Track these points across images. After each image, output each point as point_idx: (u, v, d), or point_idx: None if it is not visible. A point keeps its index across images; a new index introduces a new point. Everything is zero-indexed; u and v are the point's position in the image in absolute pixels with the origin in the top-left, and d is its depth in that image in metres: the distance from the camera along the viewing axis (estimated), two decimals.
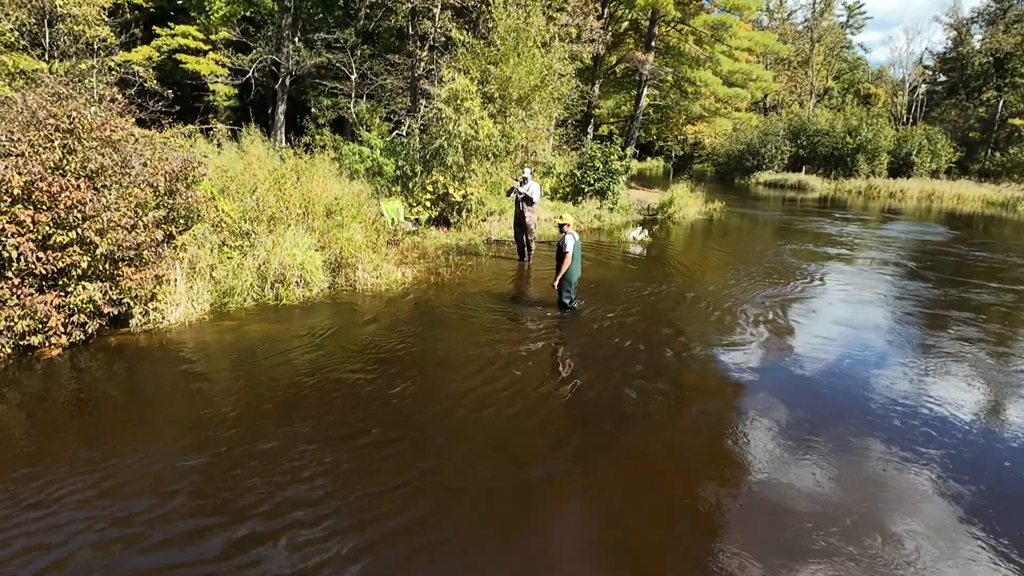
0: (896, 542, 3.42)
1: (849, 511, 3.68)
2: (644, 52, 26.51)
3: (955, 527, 3.60)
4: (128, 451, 4.06)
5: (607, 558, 3.28)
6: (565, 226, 7.44)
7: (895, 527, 3.55)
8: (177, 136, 11.58)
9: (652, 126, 36.78)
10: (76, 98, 6.21)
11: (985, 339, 7.31)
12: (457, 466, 4.07)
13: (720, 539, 3.41)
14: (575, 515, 3.67)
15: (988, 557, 3.34)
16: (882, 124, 38.90)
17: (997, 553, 3.38)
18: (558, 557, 3.25)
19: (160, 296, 6.41)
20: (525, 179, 10.52)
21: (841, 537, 3.43)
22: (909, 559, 3.29)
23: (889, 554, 3.31)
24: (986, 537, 3.50)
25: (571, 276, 7.31)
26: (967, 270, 12.14)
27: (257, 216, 8.10)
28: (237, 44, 21.38)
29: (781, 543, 3.39)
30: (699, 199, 20.60)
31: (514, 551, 3.31)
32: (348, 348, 6.09)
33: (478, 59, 14.84)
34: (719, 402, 5.34)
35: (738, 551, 3.28)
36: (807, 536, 3.44)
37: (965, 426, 4.94)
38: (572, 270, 7.28)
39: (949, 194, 30.97)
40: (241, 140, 12.93)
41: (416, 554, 3.20)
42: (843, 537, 3.43)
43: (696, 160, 55.48)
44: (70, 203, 5.43)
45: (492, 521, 3.55)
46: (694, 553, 3.32)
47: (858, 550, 3.32)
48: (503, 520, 3.56)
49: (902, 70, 55.51)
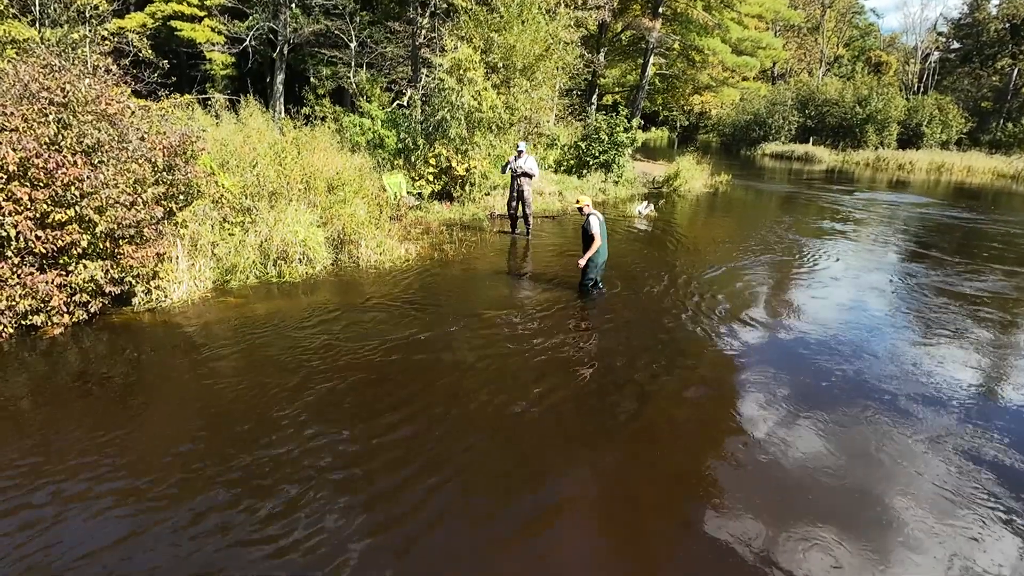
0: (892, 508, 3.42)
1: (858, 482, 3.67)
2: (651, 19, 25.72)
3: (952, 498, 3.59)
4: (133, 428, 4.05)
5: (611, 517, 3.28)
6: (584, 207, 7.14)
7: (894, 496, 3.55)
8: (175, 108, 11.36)
9: (658, 96, 36.00)
10: (70, 69, 6.02)
11: (987, 316, 7.24)
12: (466, 442, 4.04)
13: (725, 505, 3.40)
14: (587, 483, 3.66)
15: (983, 528, 3.34)
16: (892, 94, 38.09)
17: (993, 523, 3.38)
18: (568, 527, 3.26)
19: (162, 274, 6.34)
20: (520, 152, 10.31)
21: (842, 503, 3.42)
22: (903, 524, 3.29)
23: (885, 517, 3.31)
24: (982, 507, 3.50)
25: (597, 258, 7.02)
26: (973, 247, 12.00)
27: (258, 191, 7.97)
28: (233, 11, 20.78)
29: (785, 508, 3.38)
30: (705, 172, 20.31)
31: (523, 527, 3.32)
32: (353, 327, 6.04)
33: (481, 27, 14.42)
34: (726, 378, 5.31)
35: (744, 513, 3.28)
36: (809, 504, 3.43)
37: (965, 400, 4.91)
38: (600, 251, 7.01)
39: (959, 166, 30.47)
40: (240, 111, 12.69)
41: (427, 528, 3.20)
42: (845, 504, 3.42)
43: (702, 131, 54.69)
44: (67, 180, 5.31)
45: (504, 494, 3.54)
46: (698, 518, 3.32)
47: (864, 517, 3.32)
48: (516, 494, 3.55)
49: (915, 37, 53.94)
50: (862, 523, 3.44)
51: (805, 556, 3.17)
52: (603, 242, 7.01)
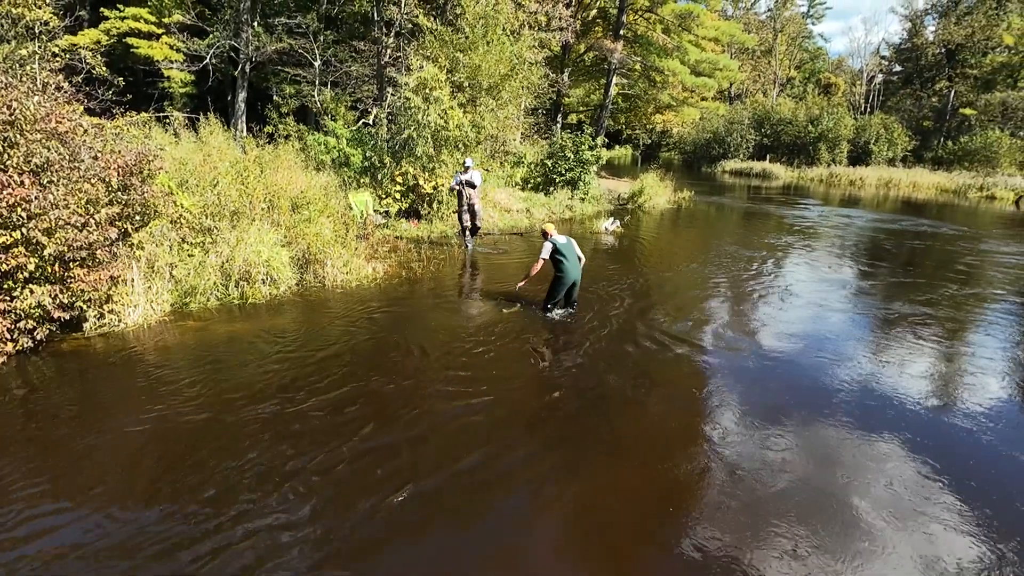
0: (855, 513, 3.49)
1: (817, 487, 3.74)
2: (613, 40, 26.43)
3: (912, 501, 3.69)
4: (81, 460, 3.83)
5: (583, 536, 3.24)
6: (548, 234, 7.19)
7: (855, 499, 3.63)
8: (130, 126, 11.02)
9: (621, 115, 36.87)
10: (17, 86, 5.78)
11: (937, 323, 7.56)
12: (431, 463, 3.96)
13: (689, 515, 3.41)
14: (554, 498, 3.62)
15: (941, 529, 3.44)
16: (842, 113, 40.01)
17: (950, 525, 3.48)
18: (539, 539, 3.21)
19: (116, 297, 6.08)
20: (467, 167, 10.74)
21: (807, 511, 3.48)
22: (866, 531, 3.36)
23: (848, 524, 3.38)
24: (941, 510, 3.61)
25: (557, 283, 7.04)
26: (923, 259, 12.57)
27: (219, 211, 7.76)
28: (192, 28, 20.42)
29: (749, 517, 3.41)
30: (668, 188, 20.79)
31: (491, 536, 3.25)
32: (317, 349, 5.88)
33: (446, 47, 14.54)
34: (688, 390, 5.37)
35: (707, 527, 3.29)
36: (773, 513, 3.47)
37: (920, 407, 5.09)
38: (563, 273, 6.99)
39: (905, 182, 32.10)
40: (200, 129, 12.40)
41: (395, 547, 3.10)
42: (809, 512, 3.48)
43: (664, 148, 56.09)
44: (13, 201, 5.06)
45: (470, 509, 3.47)
46: (667, 530, 3.31)
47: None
48: (481, 508, 3.48)
49: (860, 60, 56.97)
50: (832, 533, 3.50)
51: (777, 566, 3.20)
52: (564, 264, 6.96)
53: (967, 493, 3.93)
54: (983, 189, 28.57)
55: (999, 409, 5.23)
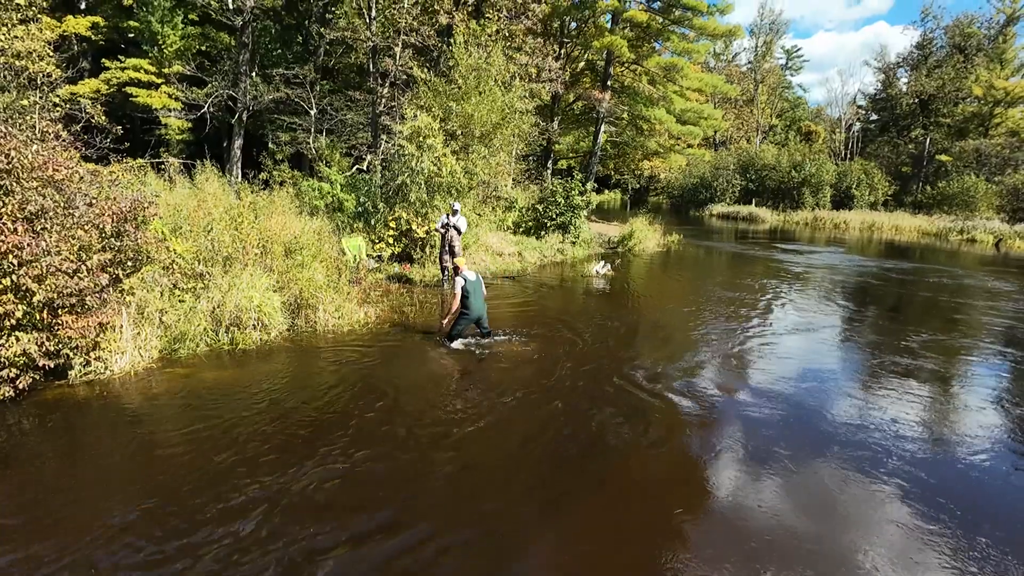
0: (852, 548, 3.41)
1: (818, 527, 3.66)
2: (600, 91, 27.38)
3: (907, 536, 3.62)
4: (63, 513, 3.69)
5: None
6: (459, 269, 7.62)
7: (851, 534, 3.55)
8: (126, 172, 11.13)
9: (610, 161, 37.83)
10: (16, 136, 5.86)
11: (929, 364, 7.60)
12: (427, 502, 3.85)
13: (683, 553, 3.32)
14: (546, 540, 3.51)
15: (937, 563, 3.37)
16: (823, 159, 41.30)
17: (946, 561, 3.41)
18: None
19: (103, 344, 6.00)
20: (455, 211, 11.12)
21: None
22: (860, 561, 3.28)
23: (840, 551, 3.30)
24: (937, 544, 3.54)
25: (462, 318, 7.45)
26: (910, 301, 12.75)
27: (212, 256, 7.77)
28: (192, 78, 20.95)
29: (742, 555, 3.32)
30: (657, 232, 21.12)
31: None
32: (308, 397, 5.80)
33: (440, 97, 14.99)
34: (676, 433, 5.31)
35: None
36: (768, 550, 3.39)
37: (913, 445, 5.06)
38: (468, 310, 7.40)
39: (888, 225, 32.87)
40: (195, 175, 12.55)
41: None
42: None
43: (652, 192, 57.32)
44: (5, 248, 5.05)
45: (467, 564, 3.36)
46: None
47: None
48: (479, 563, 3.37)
49: (838, 109, 59.26)
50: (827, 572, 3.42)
51: None
52: (475, 301, 7.40)
53: (961, 537, 3.87)
54: (963, 232, 29.28)
55: (990, 448, 5.21)
